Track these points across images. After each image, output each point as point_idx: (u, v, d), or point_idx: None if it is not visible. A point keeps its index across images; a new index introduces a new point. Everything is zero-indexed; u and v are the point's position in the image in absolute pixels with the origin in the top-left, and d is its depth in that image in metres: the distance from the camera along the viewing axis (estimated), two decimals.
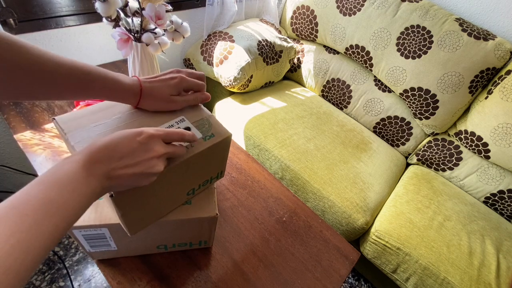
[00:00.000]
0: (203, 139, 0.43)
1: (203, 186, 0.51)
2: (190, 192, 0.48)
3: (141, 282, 0.51)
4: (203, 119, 0.46)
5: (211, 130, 0.45)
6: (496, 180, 1.16)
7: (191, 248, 0.57)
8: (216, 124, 0.46)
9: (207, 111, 0.48)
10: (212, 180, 0.52)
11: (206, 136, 0.44)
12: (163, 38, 0.74)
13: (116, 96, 0.40)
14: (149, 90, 0.42)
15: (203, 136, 0.44)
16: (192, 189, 0.48)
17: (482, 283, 0.89)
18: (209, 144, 0.43)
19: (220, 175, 0.54)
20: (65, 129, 0.39)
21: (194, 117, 0.46)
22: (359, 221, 0.98)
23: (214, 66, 1.20)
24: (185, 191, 0.47)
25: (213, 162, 0.48)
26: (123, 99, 0.41)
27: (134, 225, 0.43)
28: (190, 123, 0.45)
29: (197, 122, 0.45)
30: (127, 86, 0.40)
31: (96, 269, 1.06)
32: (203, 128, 0.45)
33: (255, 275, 0.57)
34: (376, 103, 1.36)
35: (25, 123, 0.72)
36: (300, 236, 0.66)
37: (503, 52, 1.06)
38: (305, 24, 1.42)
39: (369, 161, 1.19)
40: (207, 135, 0.44)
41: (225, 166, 0.53)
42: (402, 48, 1.19)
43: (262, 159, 1.12)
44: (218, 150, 0.46)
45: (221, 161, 0.51)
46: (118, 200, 0.36)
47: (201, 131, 0.44)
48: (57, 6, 0.85)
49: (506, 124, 1.06)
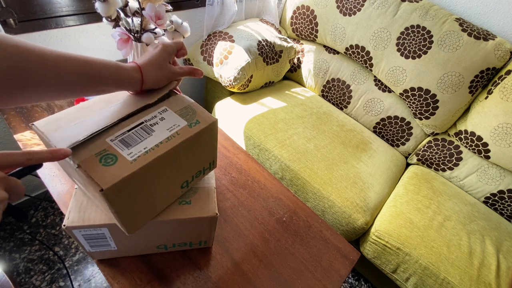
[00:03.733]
0: (188, 126, 0.43)
1: (196, 178, 0.51)
2: (184, 185, 0.48)
3: (141, 282, 0.51)
4: (186, 107, 0.46)
5: (196, 117, 0.45)
6: (496, 180, 1.16)
7: (191, 248, 0.57)
8: (201, 111, 0.46)
9: (189, 99, 0.48)
10: (205, 171, 0.52)
11: (192, 123, 0.44)
12: (163, 38, 0.74)
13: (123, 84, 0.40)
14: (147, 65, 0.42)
15: (188, 123, 0.43)
16: (185, 181, 0.48)
17: (482, 283, 0.89)
18: (195, 130, 0.43)
19: (212, 165, 0.53)
20: (45, 131, 0.38)
21: (177, 106, 0.46)
22: (359, 221, 0.98)
23: (214, 66, 1.20)
24: (178, 184, 0.47)
25: (203, 150, 0.48)
26: (130, 85, 0.41)
27: (131, 223, 0.42)
28: (173, 112, 0.44)
29: (180, 111, 0.45)
30: (131, 70, 0.40)
31: (96, 269, 1.06)
32: (187, 116, 0.44)
33: (255, 275, 0.57)
34: (376, 103, 1.36)
35: (25, 123, 0.72)
36: (300, 236, 0.66)
37: (503, 52, 1.06)
38: (305, 24, 1.42)
39: (369, 161, 1.19)
40: (192, 122, 0.44)
41: (216, 155, 0.53)
42: (402, 48, 1.19)
43: (262, 159, 1.12)
44: (205, 137, 0.46)
45: (211, 149, 0.50)
46: (108, 195, 0.35)
47: (185, 119, 0.44)
48: (57, 6, 0.85)
49: (506, 124, 1.06)
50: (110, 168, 0.36)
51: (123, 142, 0.39)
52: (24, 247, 1.07)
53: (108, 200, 0.35)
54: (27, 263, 1.04)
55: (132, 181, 0.37)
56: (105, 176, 0.35)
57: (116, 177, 0.35)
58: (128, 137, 0.40)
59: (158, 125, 0.42)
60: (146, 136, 0.40)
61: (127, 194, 0.38)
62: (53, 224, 1.16)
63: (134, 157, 0.37)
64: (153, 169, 0.39)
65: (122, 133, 0.40)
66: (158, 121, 0.43)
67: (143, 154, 0.38)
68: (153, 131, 0.41)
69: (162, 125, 0.42)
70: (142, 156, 0.38)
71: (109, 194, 0.35)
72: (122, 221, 0.40)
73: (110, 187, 0.34)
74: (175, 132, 0.41)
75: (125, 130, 0.40)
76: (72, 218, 0.44)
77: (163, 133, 0.41)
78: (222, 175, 0.74)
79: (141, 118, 0.42)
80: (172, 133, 0.41)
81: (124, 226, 0.41)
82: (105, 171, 0.35)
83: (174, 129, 0.42)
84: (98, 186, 0.34)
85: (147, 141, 0.40)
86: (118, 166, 0.36)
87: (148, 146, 0.39)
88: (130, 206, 0.40)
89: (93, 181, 0.34)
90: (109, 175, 0.35)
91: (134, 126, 0.41)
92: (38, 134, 0.39)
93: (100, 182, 0.34)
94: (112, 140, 0.39)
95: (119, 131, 0.40)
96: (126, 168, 0.36)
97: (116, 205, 0.37)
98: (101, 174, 0.35)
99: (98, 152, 0.37)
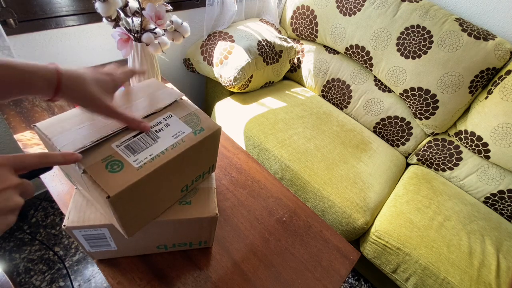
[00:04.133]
0: (193, 133, 0.43)
1: (196, 182, 0.51)
2: (184, 189, 0.48)
3: (141, 282, 0.51)
4: (191, 113, 0.46)
5: (200, 124, 0.45)
6: (496, 180, 1.16)
7: (191, 248, 0.57)
8: (205, 118, 0.47)
9: (193, 105, 0.48)
10: (204, 175, 0.52)
11: (196, 130, 0.44)
12: (163, 38, 0.74)
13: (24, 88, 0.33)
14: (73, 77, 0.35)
15: (193, 130, 0.44)
16: (185, 185, 0.48)
17: (482, 283, 0.89)
18: (199, 138, 0.43)
19: (212, 169, 0.54)
20: (48, 134, 0.38)
21: (182, 112, 0.46)
22: (359, 221, 0.98)
23: (214, 66, 1.20)
24: (179, 188, 0.47)
25: (205, 156, 0.48)
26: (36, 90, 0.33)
27: (131, 226, 0.42)
28: (178, 118, 0.45)
29: (185, 117, 0.45)
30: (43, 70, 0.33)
31: (96, 269, 1.06)
32: (192, 123, 0.45)
33: (255, 275, 0.57)
34: (376, 103, 1.36)
35: (25, 123, 0.72)
36: (300, 236, 0.66)
37: (503, 52, 1.06)
38: (305, 24, 1.42)
39: (369, 161, 1.19)
40: (196, 129, 0.44)
41: (216, 159, 0.53)
42: (402, 48, 1.19)
43: (262, 159, 1.12)
44: (208, 144, 0.47)
45: (212, 154, 0.51)
46: (114, 201, 0.35)
47: (190, 126, 0.44)
48: (57, 6, 0.85)
49: (506, 124, 1.06)
50: (117, 175, 0.36)
51: (128, 148, 0.39)
52: (24, 247, 1.07)
53: (114, 206, 0.36)
54: (27, 263, 1.04)
55: (137, 188, 0.37)
56: (111, 183, 0.35)
57: (122, 184, 0.35)
58: (133, 143, 0.40)
59: (163, 132, 0.42)
60: (152, 143, 0.40)
61: (131, 200, 0.38)
62: (53, 224, 1.16)
63: (140, 164, 0.38)
64: (158, 176, 0.39)
65: (128, 139, 0.40)
66: (164, 127, 0.43)
67: (149, 161, 0.38)
68: (158, 138, 0.41)
69: (167, 132, 0.42)
70: (148, 163, 0.38)
71: (115, 201, 0.35)
72: (123, 225, 0.41)
73: (117, 194, 0.34)
74: (180, 139, 0.42)
75: (131, 136, 0.40)
76: (72, 218, 0.44)
77: (169, 139, 0.41)
78: (222, 175, 0.74)
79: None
80: (177, 140, 0.41)
81: (124, 229, 0.42)
82: (112, 177, 0.35)
83: (179, 136, 0.42)
84: (105, 193, 0.34)
85: (152, 147, 0.40)
86: (124, 173, 0.36)
87: (154, 153, 0.39)
88: (132, 211, 0.40)
89: (100, 188, 0.34)
90: (116, 182, 0.35)
91: (139, 132, 0.41)
92: (40, 135, 0.39)
93: (107, 189, 0.34)
94: (117, 146, 0.39)
95: (124, 137, 0.40)
96: (133, 175, 0.36)
97: (120, 211, 0.37)
98: (107, 180, 0.35)
99: (104, 158, 0.37)
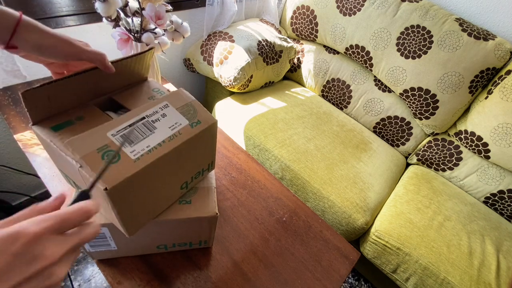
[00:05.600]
0: (190, 126, 0.42)
1: (195, 179, 0.50)
2: (183, 186, 0.48)
3: (141, 282, 0.51)
4: (187, 104, 0.45)
5: (197, 117, 0.44)
6: (496, 180, 1.16)
7: (191, 248, 0.57)
8: (202, 110, 0.45)
9: (190, 95, 0.47)
10: (203, 173, 0.52)
11: (193, 122, 0.43)
12: (163, 38, 0.74)
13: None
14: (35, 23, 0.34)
15: (189, 122, 0.43)
16: (185, 182, 0.48)
17: (482, 283, 0.89)
18: (196, 131, 0.42)
19: (211, 166, 0.53)
20: (44, 136, 0.37)
21: (179, 102, 0.44)
22: (359, 221, 0.98)
23: (214, 66, 1.20)
24: (178, 185, 0.46)
25: (202, 151, 0.48)
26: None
27: (131, 224, 0.42)
28: (175, 109, 0.43)
29: (182, 108, 0.44)
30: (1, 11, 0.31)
31: (96, 269, 1.06)
32: (189, 115, 0.44)
33: (255, 275, 0.57)
34: (376, 103, 1.36)
35: (25, 123, 0.72)
36: (300, 236, 0.66)
37: (503, 52, 1.06)
38: (305, 24, 1.42)
39: (369, 161, 1.19)
40: (193, 122, 0.43)
41: (214, 156, 0.52)
42: (402, 48, 1.19)
43: (262, 159, 1.12)
44: (206, 138, 0.46)
45: (210, 150, 0.50)
46: (112, 194, 0.34)
47: (187, 117, 0.43)
48: (57, 6, 0.85)
49: (506, 124, 1.06)
50: (113, 167, 0.34)
51: (124, 138, 0.37)
52: None
53: (112, 199, 0.35)
54: None
55: (135, 181, 0.36)
56: (109, 175, 0.34)
57: (120, 176, 0.34)
58: (130, 133, 0.38)
59: (160, 122, 0.41)
60: (149, 134, 0.39)
61: (130, 194, 0.37)
62: None
63: (137, 155, 0.37)
64: (156, 169, 0.38)
65: (124, 127, 0.38)
66: (160, 117, 0.42)
67: (146, 153, 0.37)
68: (155, 128, 0.40)
69: (164, 122, 0.41)
70: (145, 155, 0.37)
71: (113, 193, 0.34)
72: (123, 222, 0.40)
73: (115, 186, 0.33)
74: (177, 132, 0.41)
75: (127, 125, 0.39)
76: None
77: (166, 131, 0.40)
78: (222, 175, 0.74)
79: (142, 113, 0.41)
80: (174, 132, 0.40)
81: (124, 227, 0.41)
82: (109, 169, 0.34)
83: (176, 128, 0.41)
84: (102, 185, 0.33)
85: (149, 138, 0.39)
86: (121, 165, 0.35)
87: (151, 145, 0.38)
88: (131, 207, 0.39)
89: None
90: (113, 174, 0.34)
91: (135, 121, 0.40)
92: (38, 136, 0.39)
93: (105, 181, 0.33)
94: (113, 135, 0.37)
95: (120, 125, 0.39)
96: (130, 167, 0.35)
97: (118, 205, 0.37)
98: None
99: (99, 147, 0.35)
